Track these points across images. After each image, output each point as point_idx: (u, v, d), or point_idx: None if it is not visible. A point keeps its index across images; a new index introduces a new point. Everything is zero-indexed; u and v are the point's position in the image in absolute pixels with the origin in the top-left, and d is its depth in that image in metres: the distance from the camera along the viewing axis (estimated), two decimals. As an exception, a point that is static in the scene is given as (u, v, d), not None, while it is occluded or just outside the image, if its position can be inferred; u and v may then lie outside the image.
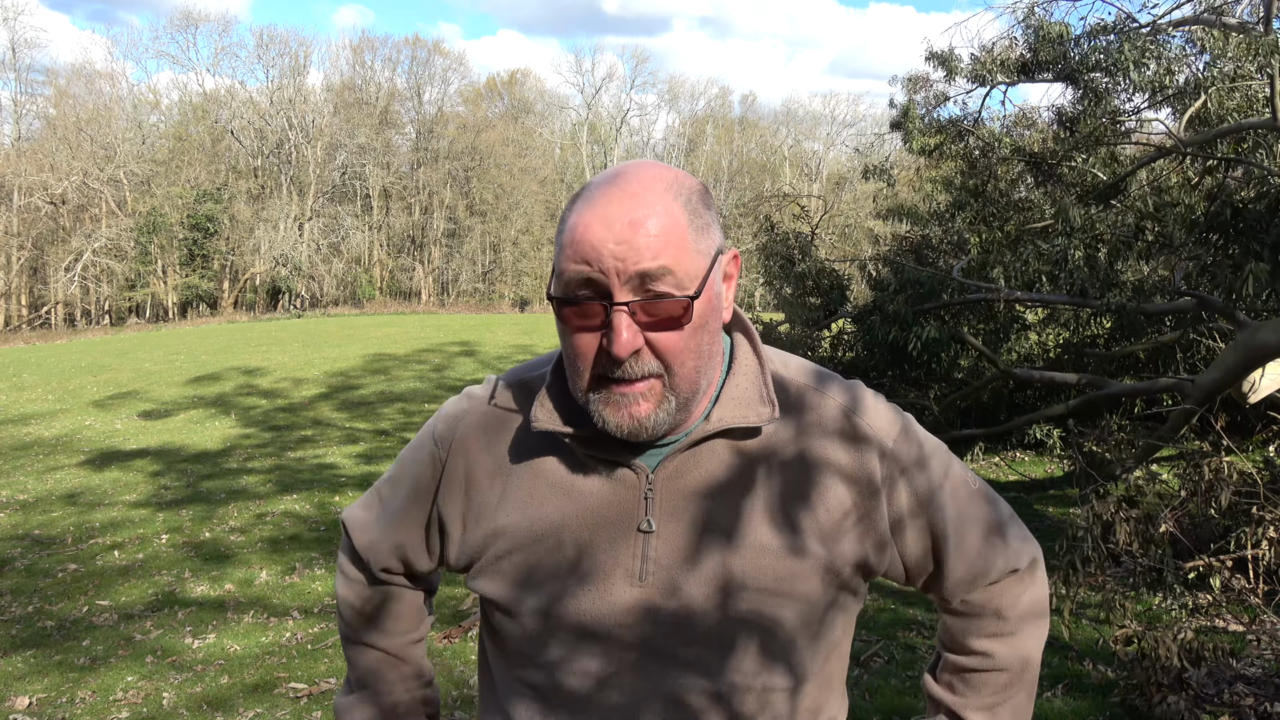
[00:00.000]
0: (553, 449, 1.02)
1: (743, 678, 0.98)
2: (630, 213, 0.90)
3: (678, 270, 0.90)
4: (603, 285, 0.90)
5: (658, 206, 0.91)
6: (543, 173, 47.23)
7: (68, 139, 36.93)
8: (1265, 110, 6.94)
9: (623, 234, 0.89)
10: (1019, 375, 7.18)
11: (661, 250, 0.90)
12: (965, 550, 1.06)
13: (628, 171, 0.94)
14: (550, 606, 1.00)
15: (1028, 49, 8.03)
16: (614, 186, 0.93)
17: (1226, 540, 4.06)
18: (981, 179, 8.49)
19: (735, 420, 0.97)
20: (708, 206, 0.96)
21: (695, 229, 0.93)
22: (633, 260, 0.89)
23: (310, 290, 40.58)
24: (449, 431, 1.08)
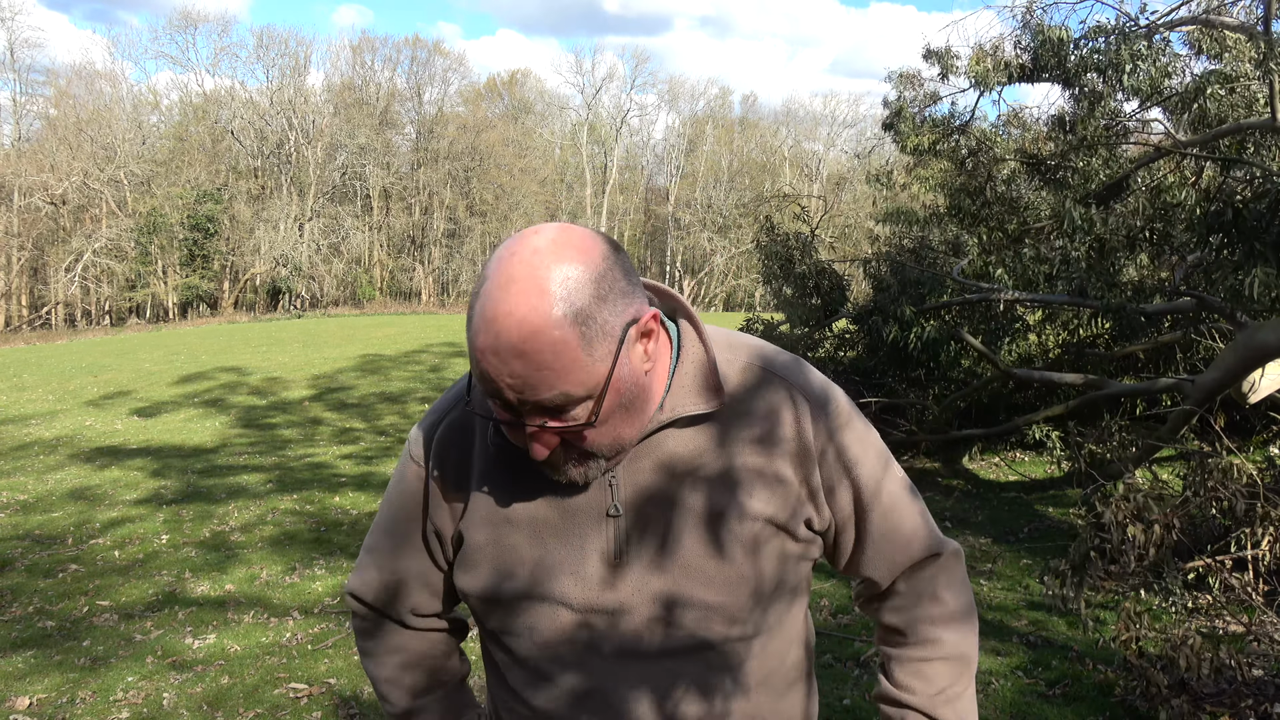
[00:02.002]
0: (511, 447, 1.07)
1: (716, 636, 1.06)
2: (518, 346, 0.90)
3: (576, 391, 0.93)
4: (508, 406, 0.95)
5: (543, 337, 0.90)
6: (543, 173, 47.24)
7: (68, 139, 36.93)
8: (1265, 110, 6.94)
9: (514, 368, 0.91)
10: (1019, 375, 7.19)
11: (555, 380, 0.92)
12: (889, 518, 1.12)
13: (517, 278, 0.91)
14: (532, 590, 1.06)
15: (1027, 53, 8.03)
16: (502, 304, 0.91)
17: (1226, 540, 4.06)
18: (979, 180, 8.49)
19: (686, 409, 1.04)
20: (604, 298, 0.94)
21: (587, 341, 0.92)
22: (529, 393, 0.92)
23: (310, 290, 40.59)
24: (424, 448, 1.14)
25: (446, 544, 1.14)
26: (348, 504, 6.69)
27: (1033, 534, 5.94)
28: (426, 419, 1.16)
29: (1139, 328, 6.86)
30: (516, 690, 1.12)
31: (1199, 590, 4.17)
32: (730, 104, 54.42)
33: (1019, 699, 3.60)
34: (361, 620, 1.25)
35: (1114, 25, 7.47)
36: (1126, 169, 7.94)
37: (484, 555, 1.08)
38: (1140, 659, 3.28)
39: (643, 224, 51.56)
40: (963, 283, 7.27)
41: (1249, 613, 4.02)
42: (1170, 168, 7.63)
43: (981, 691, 3.68)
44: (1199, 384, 5.92)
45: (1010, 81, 8.22)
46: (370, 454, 8.38)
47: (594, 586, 1.05)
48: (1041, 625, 4.33)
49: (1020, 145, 8.70)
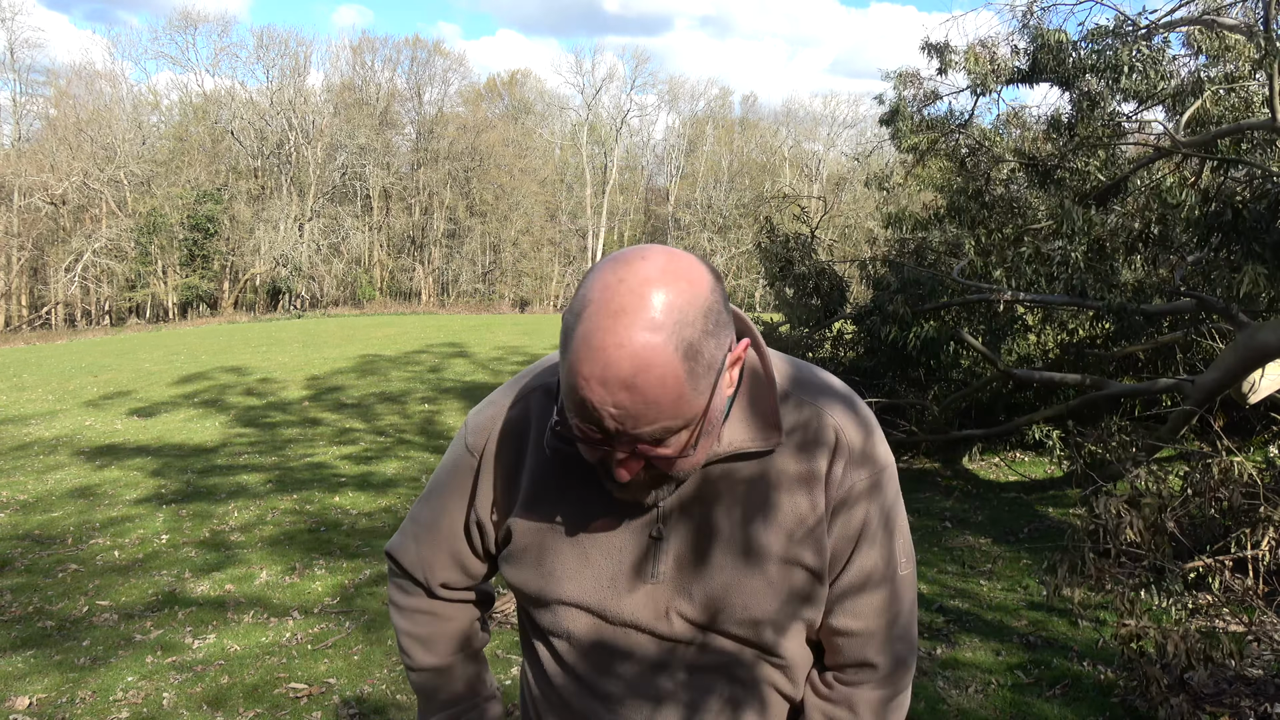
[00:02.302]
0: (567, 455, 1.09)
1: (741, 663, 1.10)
2: (627, 377, 0.88)
3: (675, 424, 0.93)
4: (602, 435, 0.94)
5: (657, 368, 0.88)
6: (543, 173, 47.23)
7: (68, 139, 36.92)
8: (1264, 110, 6.94)
9: (620, 400, 0.89)
10: (1018, 375, 7.19)
11: (659, 415, 0.91)
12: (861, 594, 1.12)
13: (629, 309, 0.88)
14: (570, 596, 1.10)
15: (1025, 55, 8.03)
16: (613, 334, 0.88)
17: (1226, 540, 4.06)
18: (979, 181, 8.49)
19: (744, 445, 1.04)
20: (711, 332, 0.92)
21: (693, 376, 0.91)
22: (630, 426, 0.91)
23: (310, 291, 40.58)
24: (479, 440, 1.16)
25: (488, 535, 1.18)
26: (347, 504, 6.69)
27: (1033, 534, 5.94)
28: (484, 410, 1.17)
29: (1139, 328, 6.87)
30: (550, 677, 1.18)
31: (1199, 590, 4.17)
32: (730, 104, 54.46)
33: (1019, 699, 3.60)
34: (396, 577, 1.29)
35: (1112, 27, 7.47)
36: (1125, 170, 7.94)
37: (528, 556, 1.12)
38: (1141, 658, 3.28)
39: (643, 224, 51.55)
40: (962, 283, 7.27)
41: (1249, 613, 4.02)
42: (1170, 168, 7.63)
43: (981, 692, 3.68)
44: (1199, 384, 5.93)
45: (1009, 83, 8.23)
46: (370, 454, 8.38)
47: (627, 601, 1.09)
48: (1041, 625, 4.33)
49: (1019, 145, 8.70)
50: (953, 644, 4.17)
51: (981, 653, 4.06)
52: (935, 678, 3.80)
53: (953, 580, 5.12)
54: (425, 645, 1.28)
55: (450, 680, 1.30)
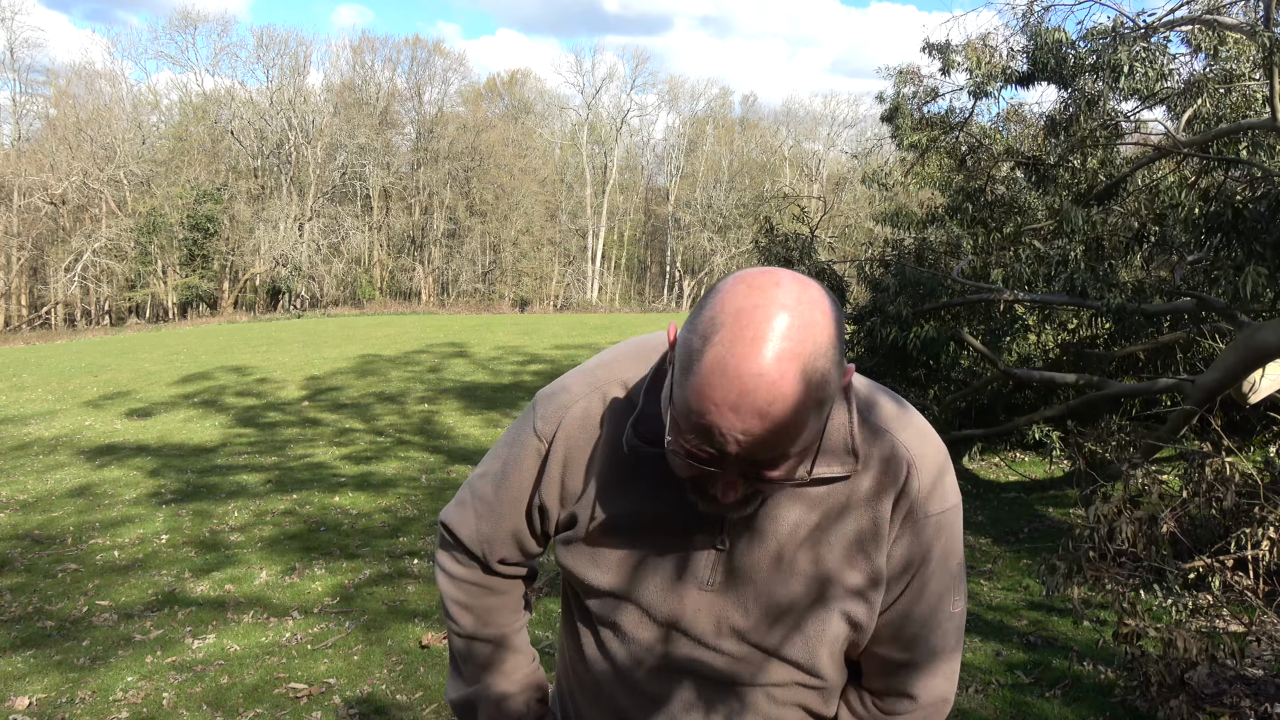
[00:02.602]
0: (643, 459, 1.09)
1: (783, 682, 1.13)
2: (763, 407, 0.88)
3: (794, 451, 0.93)
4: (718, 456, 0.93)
5: (792, 396, 0.88)
6: (543, 173, 47.22)
7: (68, 139, 36.92)
8: (1264, 110, 6.94)
9: (750, 426, 0.89)
10: (1019, 375, 7.19)
11: (783, 443, 0.91)
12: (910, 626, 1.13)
13: (770, 336, 0.88)
14: (626, 592, 1.13)
15: (1024, 55, 8.02)
16: (753, 359, 0.87)
17: (1226, 540, 4.06)
18: (979, 181, 8.49)
19: (821, 472, 1.04)
20: (835, 364, 0.92)
21: (818, 406, 0.91)
22: (752, 452, 0.91)
23: (310, 290, 40.57)
24: (549, 427, 1.17)
25: (550, 519, 1.20)
26: (347, 504, 6.69)
27: (1033, 534, 5.94)
28: (557, 397, 1.17)
29: (1139, 328, 6.86)
30: (589, 661, 1.20)
31: (1199, 590, 4.17)
32: (730, 104, 54.44)
33: (1019, 699, 3.60)
34: (450, 549, 1.30)
35: (1112, 26, 7.46)
36: (1125, 169, 7.94)
37: (587, 545, 1.14)
38: (1141, 657, 3.28)
39: (643, 224, 51.55)
40: (962, 283, 7.27)
41: (1249, 613, 4.02)
42: (1170, 167, 7.63)
43: (981, 692, 3.68)
44: (1199, 384, 5.92)
45: (1009, 83, 8.22)
46: (369, 454, 8.38)
47: (679, 604, 1.11)
48: (1041, 625, 4.33)
49: (1018, 145, 8.69)
50: (953, 644, 4.16)
51: (981, 653, 4.06)
52: (935, 678, 3.80)
53: (953, 580, 5.12)
54: (474, 614, 1.30)
55: (498, 653, 1.32)
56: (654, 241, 51.93)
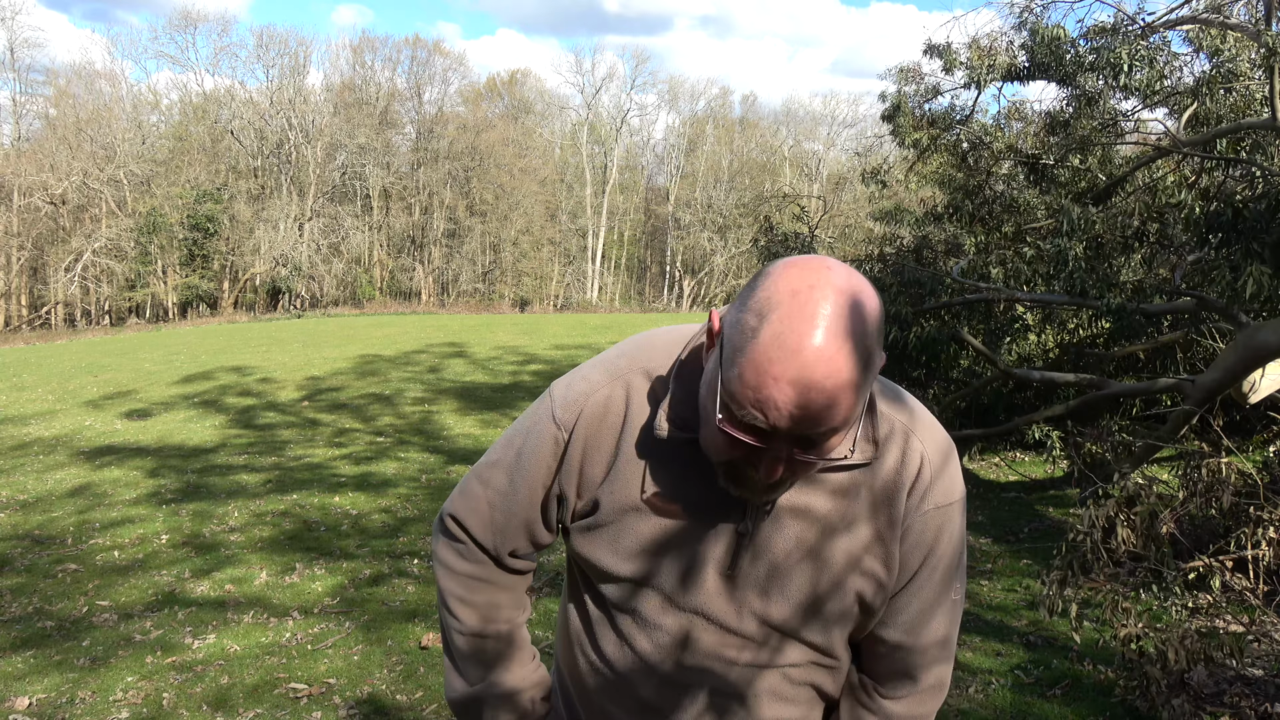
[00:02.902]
0: (668, 441, 1.11)
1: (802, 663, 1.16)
2: (821, 381, 0.91)
3: (840, 428, 0.96)
4: (768, 432, 0.96)
5: (845, 374, 0.92)
6: (543, 173, 47.22)
7: (68, 139, 36.92)
8: (1264, 110, 6.94)
9: (806, 401, 0.92)
10: (1018, 375, 7.18)
11: (834, 419, 0.94)
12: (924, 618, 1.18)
13: (825, 315, 0.92)
14: (649, 578, 1.14)
15: (1024, 52, 8.02)
16: (809, 336, 0.91)
17: (1226, 540, 4.06)
18: (978, 179, 8.49)
19: (841, 458, 1.05)
20: (879, 342, 0.97)
21: (865, 385, 0.95)
22: (806, 427, 0.94)
23: (310, 290, 40.58)
24: (569, 415, 1.17)
25: (567, 509, 1.19)
26: (347, 504, 6.69)
27: (1033, 534, 5.94)
28: (576, 385, 1.18)
29: (1139, 327, 6.86)
30: (603, 648, 1.20)
31: (1199, 590, 4.17)
32: (730, 104, 54.44)
33: (1019, 699, 3.60)
34: (454, 541, 1.27)
35: (1112, 25, 7.46)
36: (1125, 168, 7.94)
37: (609, 532, 1.15)
38: (1141, 658, 3.28)
39: (643, 224, 51.55)
40: (962, 283, 7.26)
41: (1249, 613, 4.02)
42: (1170, 167, 7.63)
43: (981, 692, 3.68)
44: (1199, 384, 5.92)
45: (1008, 80, 8.21)
46: (369, 454, 8.38)
47: (702, 591, 1.13)
48: (1041, 625, 4.32)
49: (1019, 143, 8.69)
50: (953, 644, 4.16)
51: (981, 653, 4.06)
52: (935, 678, 3.80)
53: (953, 580, 5.12)
54: (478, 610, 1.27)
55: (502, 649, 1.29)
56: (654, 241, 51.93)
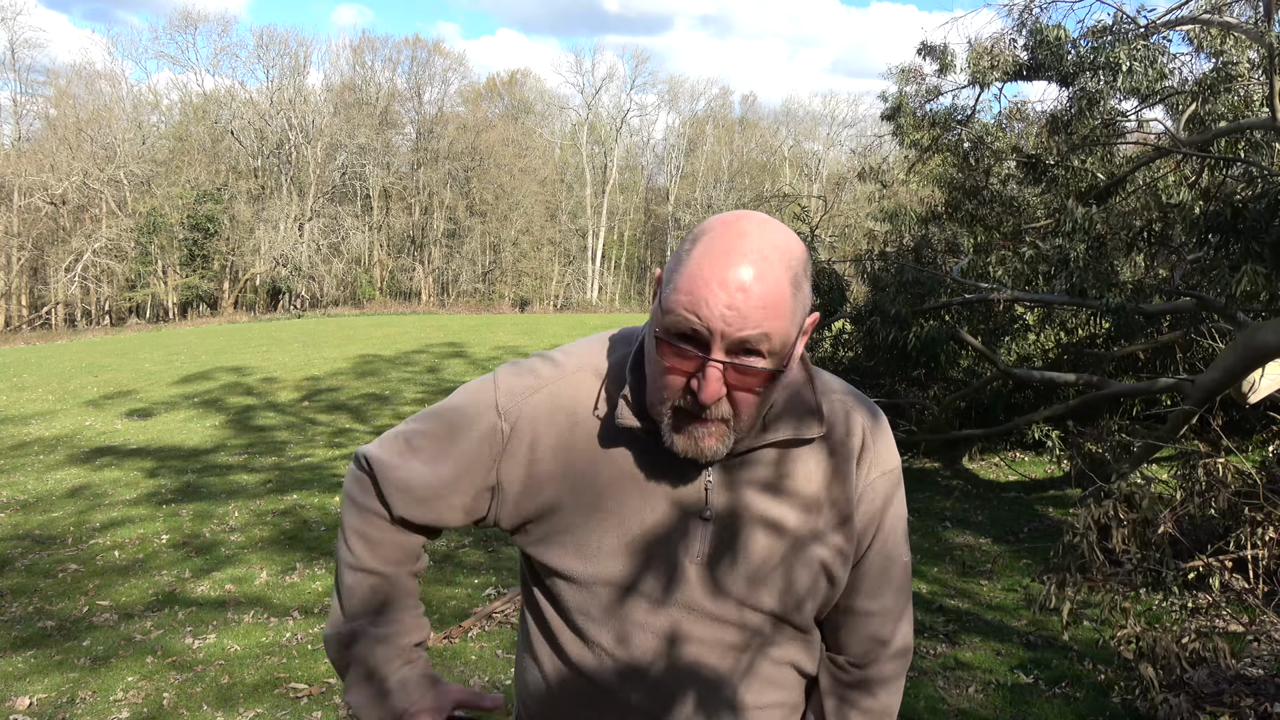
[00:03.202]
0: (623, 439, 1.13)
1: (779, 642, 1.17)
2: (745, 279, 0.98)
3: (774, 339, 1.01)
4: (704, 339, 1.00)
5: (770, 277, 0.99)
6: (543, 173, 47.22)
7: (68, 139, 36.92)
8: (1264, 110, 6.94)
9: (734, 300, 0.98)
10: (1018, 375, 7.18)
11: (764, 320, 0.99)
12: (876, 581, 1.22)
13: (749, 233, 1.01)
14: (623, 579, 1.13)
15: (1025, 52, 8.03)
16: (736, 247, 1.00)
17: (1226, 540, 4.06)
18: (978, 179, 8.49)
19: (790, 433, 1.12)
20: (807, 276, 1.05)
21: (795, 301, 1.02)
22: (738, 326, 0.99)
23: (310, 290, 40.58)
24: (514, 405, 1.16)
25: (505, 503, 1.16)
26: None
27: (1033, 534, 5.94)
28: (524, 379, 1.17)
29: (1138, 327, 6.86)
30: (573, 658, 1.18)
31: (1199, 590, 4.17)
32: (730, 104, 54.45)
33: (1019, 699, 3.60)
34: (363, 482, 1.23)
35: (1112, 25, 7.46)
36: (1125, 168, 7.93)
37: (569, 535, 1.14)
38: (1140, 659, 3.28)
39: (643, 224, 51.55)
40: (961, 282, 7.26)
41: (1249, 613, 4.02)
42: (1170, 166, 7.63)
43: (981, 691, 3.68)
44: (1199, 384, 5.92)
45: (1008, 80, 8.22)
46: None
47: (672, 580, 1.13)
48: (1041, 625, 4.33)
49: (1019, 143, 8.69)
50: (953, 644, 4.17)
51: (981, 653, 4.07)
52: (935, 678, 3.80)
53: (953, 580, 5.12)
54: (372, 547, 1.21)
55: (389, 591, 1.22)
56: (654, 241, 51.92)
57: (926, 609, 4.64)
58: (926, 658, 4.02)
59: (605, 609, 1.14)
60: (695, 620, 1.14)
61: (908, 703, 3.56)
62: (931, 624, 4.41)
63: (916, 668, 3.89)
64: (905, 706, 3.53)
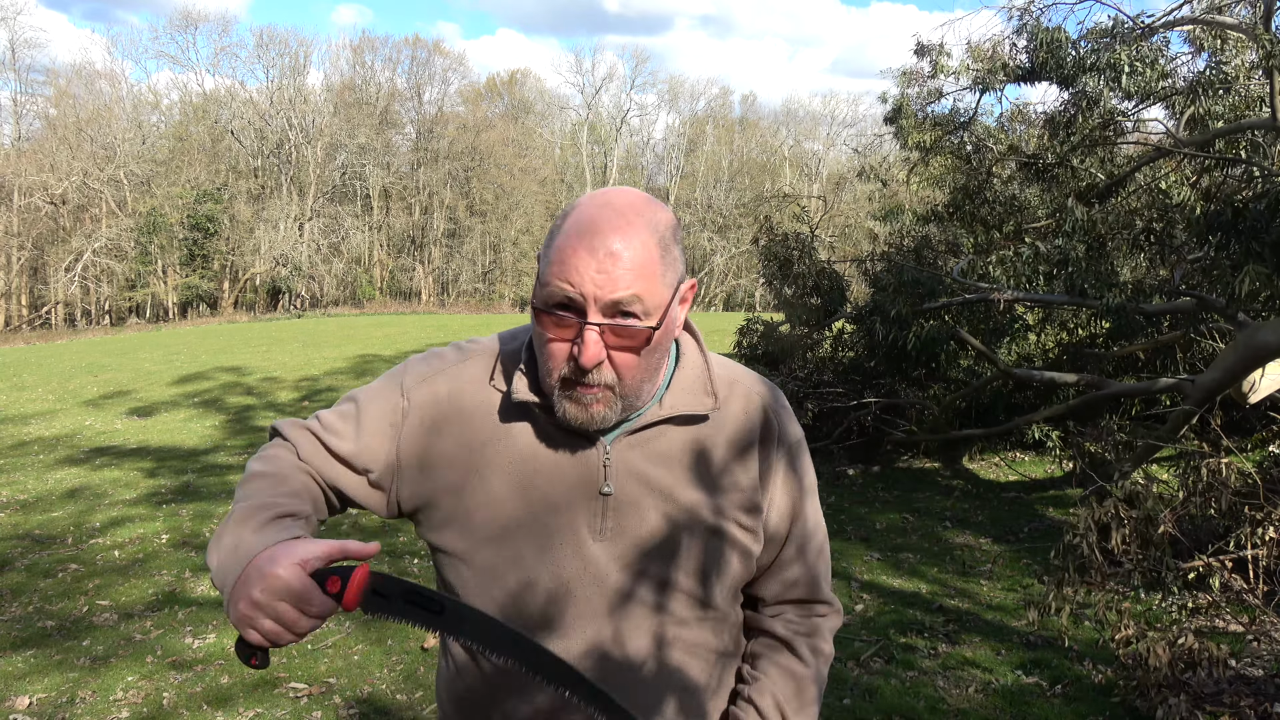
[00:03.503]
0: (520, 418, 1.16)
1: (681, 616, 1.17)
2: (612, 244, 1.04)
3: (646, 299, 1.06)
4: (580, 305, 1.05)
5: (636, 241, 1.05)
6: (543, 173, 47.22)
7: (68, 139, 36.91)
8: (1264, 110, 6.94)
9: (603, 264, 1.03)
10: (1018, 375, 7.18)
11: (634, 282, 1.04)
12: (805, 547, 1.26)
13: (614, 202, 1.07)
14: (519, 557, 1.14)
15: (1024, 54, 8.02)
16: (601, 215, 1.06)
17: (1226, 540, 4.06)
18: (979, 179, 8.49)
19: (684, 408, 1.16)
20: (676, 241, 1.11)
21: (664, 264, 1.07)
22: (609, 288, 1.04)
23: (310, 290, 40.58)
24: (416, 385, 1.20)
25: (405, 482, 1.17)
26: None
27: (1033, 534, 5.94)
28: (431, 362, 1.22)
29: (1138, 327, 6.86)
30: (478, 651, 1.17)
31: (1199, 590, 4.17)
32: (730, 104, 54.43)
33: (1019, 699, 3.60)
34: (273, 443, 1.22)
35: (1111, 27, 7.46)
36: (1125, 168, 7.93)
37: (474, 519, 1.14)
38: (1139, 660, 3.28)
39: (643, 224, 51.48)
40: (962, 282, 7.26)
41: (1249, 613, 4.02)
42: (1171, 166, 7.63)
43: (981, 692, 3.68)
44: (1199, 384, 5.92)
45: (1008, 81, 8.22)
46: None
47: (578, 558, 1.13)
48: (1041, 625, 4.33)
49: (1020, 144, 8.69)
50: (953, 644, 4.17)
51: (981, 653, 4.06)
52: (935, 678, 3.80)
53: (953, 580, 5.12)
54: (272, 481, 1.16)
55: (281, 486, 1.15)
56: (654, 241, 51.90)
57: (926, 609, 4.64)
58: (927, 658, 4.02)
59: (509, 591, 1.14)
60: (600, 598, 1.14)
61: (908, 702, 3.56)
62: (931, 624, 4.41)
63: (916, 668, 3.89)
64: (905, 707, 3.53)
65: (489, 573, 1.15)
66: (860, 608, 4.67)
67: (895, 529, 6.16)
